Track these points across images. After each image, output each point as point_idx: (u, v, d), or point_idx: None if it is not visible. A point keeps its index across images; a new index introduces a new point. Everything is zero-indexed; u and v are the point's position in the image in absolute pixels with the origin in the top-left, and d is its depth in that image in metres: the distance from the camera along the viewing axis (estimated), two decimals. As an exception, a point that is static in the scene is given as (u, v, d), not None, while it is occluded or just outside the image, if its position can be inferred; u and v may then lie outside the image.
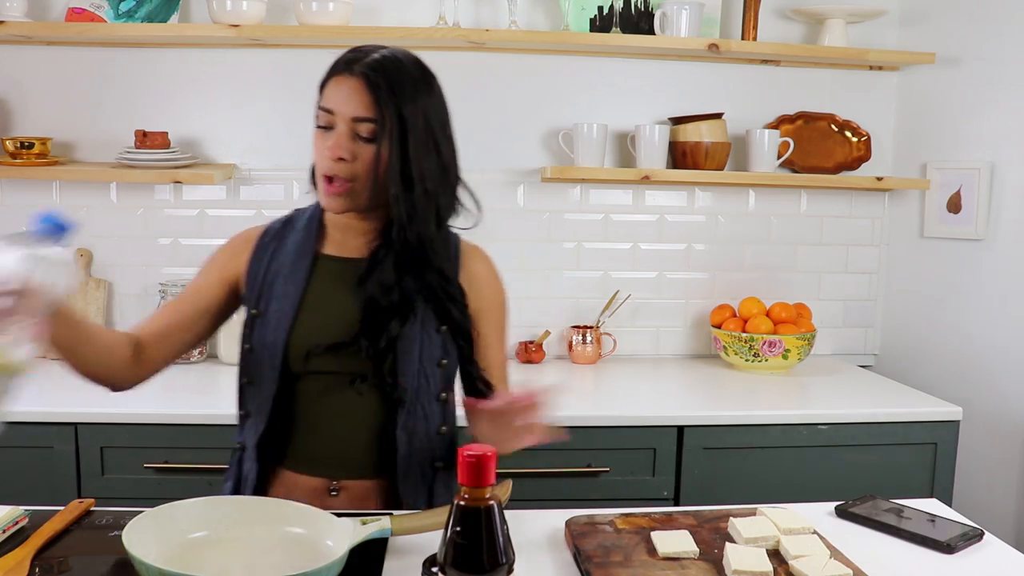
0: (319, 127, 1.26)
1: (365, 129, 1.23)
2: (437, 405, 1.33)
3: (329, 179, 1.25)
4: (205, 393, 2.15)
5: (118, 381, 1.29)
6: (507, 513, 0.87)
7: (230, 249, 1.39)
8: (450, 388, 1.36)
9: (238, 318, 1.39)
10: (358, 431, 1.32)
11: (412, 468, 1.31)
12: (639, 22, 2.45)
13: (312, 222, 1.36)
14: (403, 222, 1.25)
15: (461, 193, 1.33)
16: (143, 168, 2.26)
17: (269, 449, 1.32)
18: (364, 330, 1.27)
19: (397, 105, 1.22)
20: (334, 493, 1.31)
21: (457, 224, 1.35)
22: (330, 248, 1.35)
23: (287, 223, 1.38)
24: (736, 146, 2.52)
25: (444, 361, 1.33)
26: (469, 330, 1.34)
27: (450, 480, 1.36)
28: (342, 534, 1.05)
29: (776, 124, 2.57)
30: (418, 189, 1.25)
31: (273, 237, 1.36)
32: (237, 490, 1.34)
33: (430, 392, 1.32)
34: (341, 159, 1.23)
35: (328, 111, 1.24)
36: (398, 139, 1.23)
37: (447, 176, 1.30)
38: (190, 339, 1.36)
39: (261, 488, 1.32)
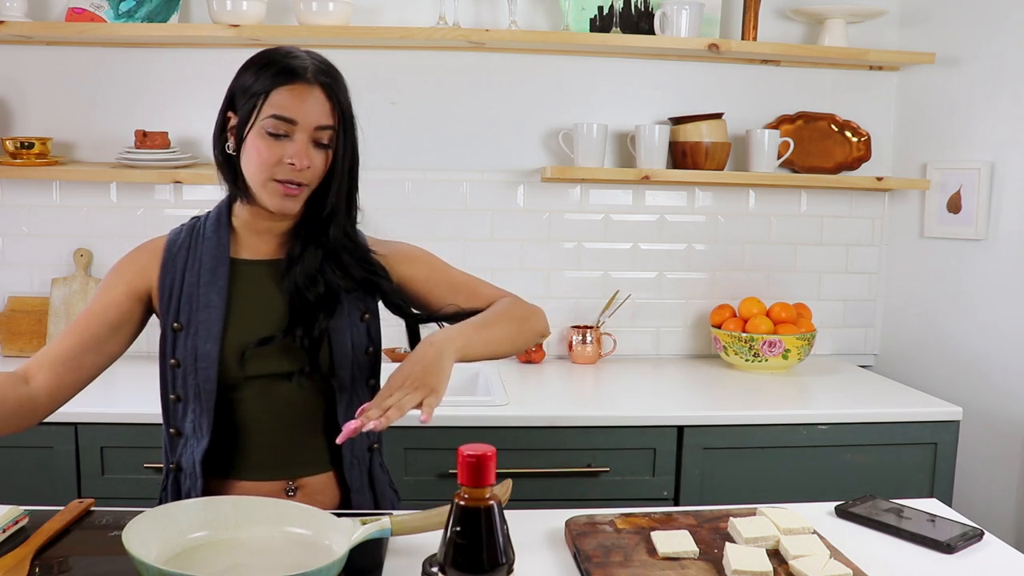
0: (270, 134, 1.24)
1: (327, 136, 1.27)
2: (367, 391, 1.38)
3: (287, 184, 1.26)
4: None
5: (14, 427, 1.19)
6: (507, 513, 0.87)
7: (135, 263, 1.34)
8: (377, 374, 1.40)
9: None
10: (308, 428, 1.33)
11: (357, 455, 1.36)
12: (639, 22, 2.45)
13: (221, 228, 1.34)
14: (341, 219, 1.31)
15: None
16: (143, 168, 2.26)
17: (213, 463, 1.30)
18: (295, 321, 1.30)
19: (347, 109, 1.28)
20: (291, 493, 1.32)
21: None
22: (245, 253, 1.35)
23: (191, 231, 1.35)
24: (736, 146, 2.52)
25: (371, 349, 1.37)
26: (404, 294, 1.39)
27: (383, 459, 1.43)
28: (342, 534, 1.05)
29: (776, 124, 2.57)
30: (356, 186, 1.33)
31: (181, 247, 1.33)
32: None
33: (363, 380, 1.36)
34: (306, 166, 1.25)
35: (289, 120, 1.23)
36: (351, 142, 1.29)
37: (357, 171, 1.35)
38: (100, 361, 1.30)
39: None
